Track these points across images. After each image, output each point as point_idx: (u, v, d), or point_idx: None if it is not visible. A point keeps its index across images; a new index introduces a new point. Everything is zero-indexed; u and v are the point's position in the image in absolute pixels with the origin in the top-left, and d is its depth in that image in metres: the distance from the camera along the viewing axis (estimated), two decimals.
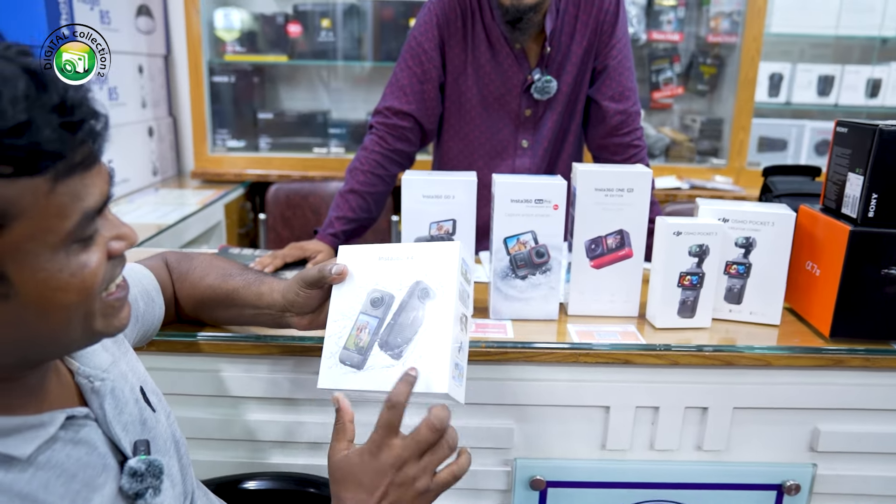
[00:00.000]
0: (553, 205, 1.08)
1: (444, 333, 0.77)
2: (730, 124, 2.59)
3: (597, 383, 1.06)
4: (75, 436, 0.62)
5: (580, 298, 1.15)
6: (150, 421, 0.73)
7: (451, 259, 0.80)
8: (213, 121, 2.62)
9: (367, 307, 0.81)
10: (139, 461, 0.66)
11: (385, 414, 0.72)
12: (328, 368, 0.81)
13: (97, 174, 0.55)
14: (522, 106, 1.46)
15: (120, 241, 0.59)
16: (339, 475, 0.73)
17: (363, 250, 0.85)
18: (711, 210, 1.13)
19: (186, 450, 0.80)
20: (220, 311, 0.99)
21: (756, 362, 1.05)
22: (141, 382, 0.76)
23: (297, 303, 0.88)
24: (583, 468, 1.10)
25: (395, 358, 0.78)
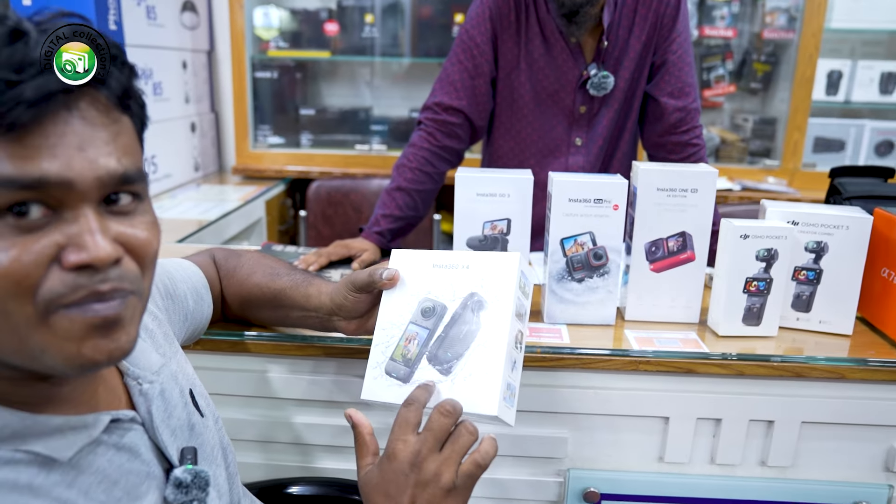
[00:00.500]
0: (613, 205, 1.03)
1: (497, 351, 0.72)
2: (783, 124, 2.50)
3: (656, 392, 1.01)
4: (119, 440, 0.59)
5: (638, 303, 1.10)
6: (198, 426, 0.70)
7: (510, 271, 0.76)
8: (254, 117, 2.62)
9: (417, 317, 0.78)
10: (185, 471, 0.62)
11: (401, 412, 0.69)
12: (373, 379, 0.77)
13: (55, 150, 0.46)
14: (577, 102, 1.41)
15: (75, 252, 0.48)
16: (367, 490, 0.69)
17: (417, 256, 0.81)
18: (780, 212, 1.07)
19: (234, 457, 0.77)
20: (267, 311, 0.96)
21: (828, 374, 0.99)
22: (190, 385, 0.73)
23: (346, 307, 0.85)
24: (639, 481, 1.05)
25: (443, 374, 0.73)
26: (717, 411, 1.02)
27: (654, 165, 1.07)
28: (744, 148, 2.60)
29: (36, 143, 0.46)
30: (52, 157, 0.47)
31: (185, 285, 0.87)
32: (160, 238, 0.55)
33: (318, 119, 2.67)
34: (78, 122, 0.48)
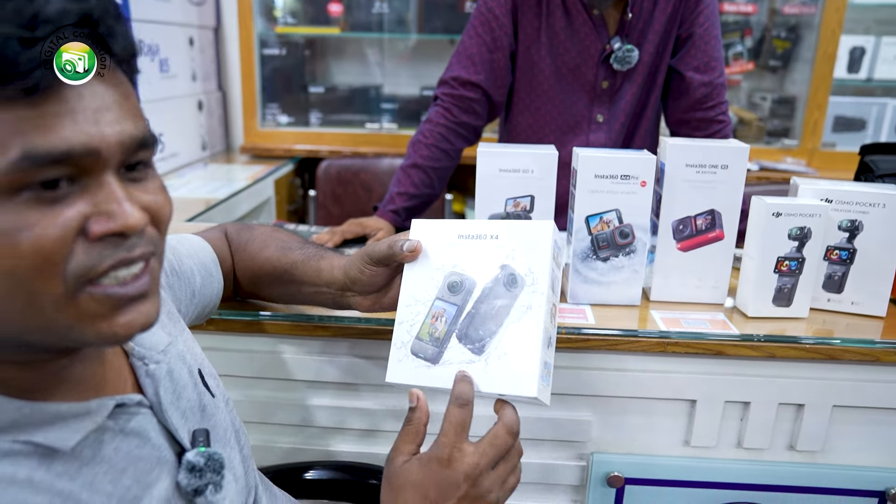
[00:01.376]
0: (641, 181, 0.99)
1: (533, 328, 0.68)
2: (803, 102, 2.44)
3: (683, 375, 0.98)
4: (126, 425, 0.55)
5: (664, 283, 1.07)
6: (209, 407, 0.66)
7: (544, 241, 0.70)
8: (263, 95, 2.58)
9: (444, 292, 0.72)
10: (198, 454, 0.59)
11: (456, 414, 0.64)
12: (398, 361, 0.72)
13: (67, 113, 0.43)
14: (599, 77, 1.37)
15: (106, 221, 0.46)
16: (399, 482, 0.64)
17: (441, 225, 0.75)
18: (812, 189, 1.03)
19: (247, 439, 0.74)
20: (278, 287, 0.90)
21: (861, 357, 0.96)
22: (199, 365, 0.69)
23: (361, 280, 0.79)
24: (664, 465, 1.02)
25: (475, 353, 0.69)
26: (745, 394, 0.99)
27: (683, 140, 1.03)
28: (761, 127, 2.55)
29: (56, 109, 0.43)
30: (75, 124, 0.44)
31: (191, 261, 0.82)
32: (171, 201, 0.53)
33: (328, 97, 2.63)
34: (92, 83, 0.45)
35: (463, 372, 0.67)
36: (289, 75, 2.62)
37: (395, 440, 0.67)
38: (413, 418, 0.67)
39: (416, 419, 0.67)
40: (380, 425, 1.03)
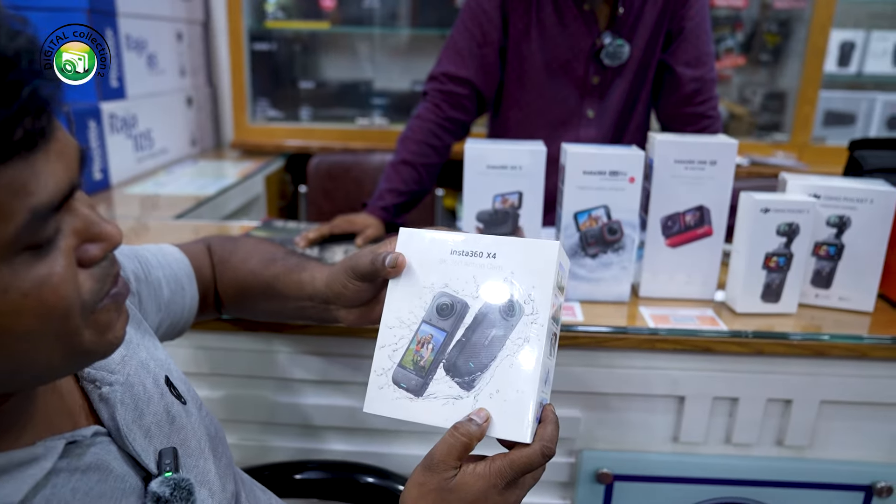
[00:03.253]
0: (629, 177, 0.99)
1: (530, 365, 0.61)
2: (794, 97, 2.44)
3: (672, 371, 0.98)
4: (80, 462, 0.51)
5: (653, 279, 1.07)
6: (179, 417, 0.63)
7: (548, 264, 0.62)
8: (252, 90, 2.56)
9: (431, 315, 0.65)
10: (163, 483, 0.55)
11: (505, 471, 0.59)
12: (378, 388, 0.65)
13: (53, 155, 0.41)
14: (590, 73, 1.36)
15: (95, 244, 0.45)
16: (451, 496, 0.59)
17: (431, 238, 0.67)
18: (801, 185, 1.03)
19: (226, 444, 0.70)
20: (263, 303, 0.84)
21: (849, 353, 0.96)
22: (165, 371, 0.65)
23: (345, 296, 0.74)
24: (653, 461, 1.03)
25: (464, 388, 0.62)
26: (733, 390, 0.99)
27: (672, 136, 1.03)
28: (752, 122, 2.55)
29: (43, 157, 0.41)
30: (60, 164, 0.42)
31: (160, 272, 0.78)
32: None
33: (318, 92, 2.61)
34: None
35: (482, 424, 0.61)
36: (279, 70, 2.60)
37: (439, 448, 0.60)
38: (471, 432, 0.60)
39: (473, 434, 0.60)
40: (368, 423, 1.03)
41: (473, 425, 0.59)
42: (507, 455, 0.59)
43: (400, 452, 1.05)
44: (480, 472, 0.58)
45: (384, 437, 1.04)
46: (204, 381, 1.02)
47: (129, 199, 1.75)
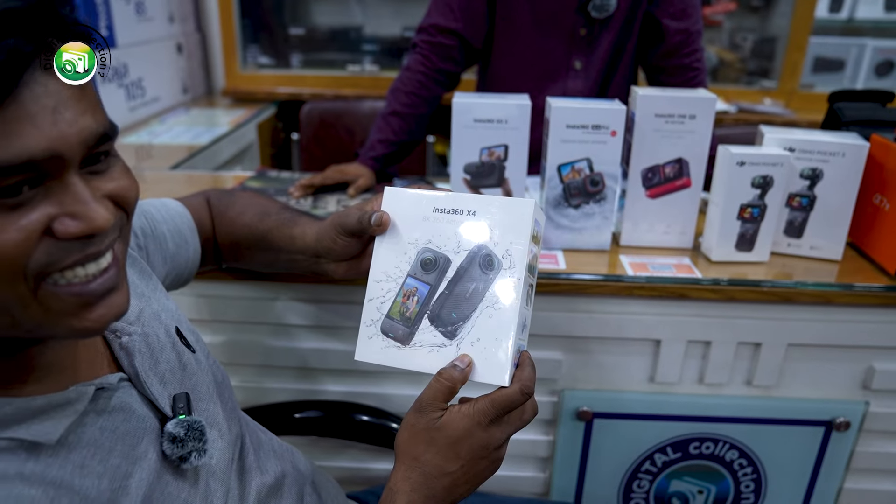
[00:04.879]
0: (611, 131, 1.02)
1: (508, 314, 0.65)
2: (783, 43, 2.44)
3: (649, 316, 1.04)
4: (107, 404, 0.56)
5: (633, 229, 1.12)
6: (190, 365, 0.68)
7: (523, 221, 0.67)
8: (243, 36, 2.54)
9: (416, 269, 0.69)
10: (178, 424, 0.60)
11: (499, 403, 0.64)
12: (367, 338, 0.70)
13: (22, 118, 0.42)
14: (577, 25, 1.37)
15: (74, 221, 0.46)
16: (438, 435, 0.64)
17: (415, 197, 0.71)
18: (777, 139, 1.07)
19: (230, 389, 0.75)
20: (258, 254, 0.88)
21: (815, 299, 1.02)
22: (176, 322, 0.70)
23: (335, 251, 0.78)
24: (630, 400, 1.09)
25: (447, 336, 0.67)
26: (707, 334, 1.05)
27: (653, 91, 1.06)
28: (742, 68, 2.56)
29: (14, 114, 0.42)
30: (34, 128, 0.43)
31: (165, 226, 0.82)
32: (136, 181, 0.53)
33: (308, 38, 2.59)
34: (46, 79, 0.44)
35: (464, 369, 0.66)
36: (268, 16, 2.58)
37: (426, 393, 0.65)
38: (454, 377, 0.65)
39: (456, 379, 0.65)
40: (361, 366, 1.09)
41: (457, 370, 0.65)
42: (488, 395, 0.65)
43: (392, 392, 1.11)
44: (465, 411, 0.64)
45: (377, 378, 1.10)
46: (206, 327, 1.07)
47: (124, 150, 1.77)
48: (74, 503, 0.50)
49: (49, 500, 0.49)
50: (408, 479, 0.64)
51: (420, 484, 0.64)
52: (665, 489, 1.16)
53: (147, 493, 0.56)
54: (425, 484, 0.64)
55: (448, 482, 0.64)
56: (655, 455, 1.13)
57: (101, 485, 0.53)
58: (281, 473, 0.76)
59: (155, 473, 0.58)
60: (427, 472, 0.64)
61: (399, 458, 0.66)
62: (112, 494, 0.53)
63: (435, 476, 0.64)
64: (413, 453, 0.65)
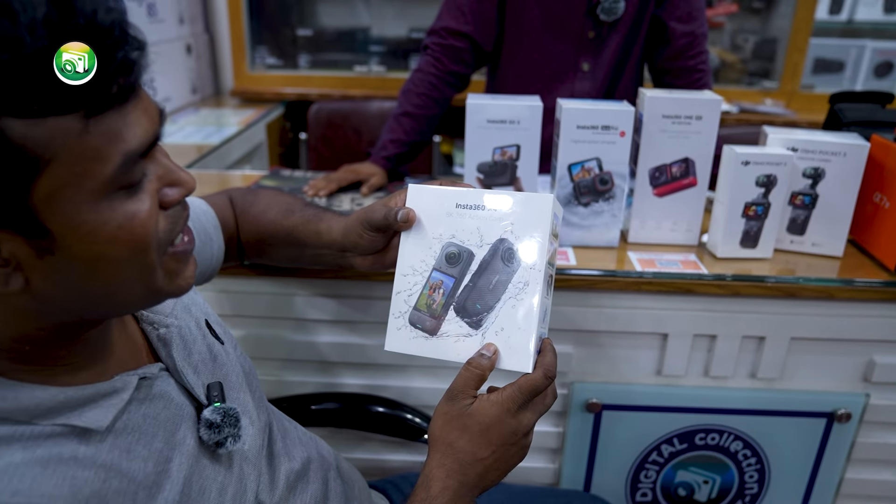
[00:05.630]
0: (620, 131, 1.06)
1: (530, 305, 0.69)
2: (784, 44, 2.48)
3: (656, 311, 1.07)
4: (149, 392, 0.60)
5: (641, 226, 1.15)
6: (220, 356, 0.71)
7: (543, 216, 0.69)
8: (251, 37, 2.57)
9: (441, 263, 0.72)
10: (214, 411, 0.63)
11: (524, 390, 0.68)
12: (396, 329, 0.73)
13: (140, 110, 0.48)
14: (586, 27, 1.41)
15: (174, 189, 0.53)
16: (469, 421, 0.67)
17: (438, 194, 0.73)
18: (780, 139, 1.10)
19: (257, 379, 0.79)
20: (282, 250, 0.92)
21: (817, 294, 1.05)
22: (205, 315, 0.74)
23: (361, 245, 0.80)
24: (638, 392, 1.13)
25: (472, 327, 0.70)
26: (712, 328, 1.08)
27: (661, 92, 1.09)
28: (743, 69, 2.59)
29: (132, 108, 0.48)
30: (146, 117, 0.49)
31: (191, 224, 0.84)
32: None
33: (316, 40, 2.62)
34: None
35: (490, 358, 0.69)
36: (276, 17, 2.61)
37: (457, 381, 0.69)
38: (482, 365, 0.68)
39: (485, 367, 0.68)
40: (378, 359, 1.12)
41: (484, 359, 0.68)
42: (515, 382, 0.68)
43: (407, 385, 1.14)
44: (494, 399, 0.67)
45: (393, 371, 1.14)
46: (228, 322, 1.09)
47: None
48: (124, 485, 0.54)
49: (101, 482, 0.52)
50: (443, 466, 0.67)
51: (454, 470, 0.67)
52: (671, 479, 1.20)
53: (187, 475, 0.59)
54: (460, 470, 0.67)
55: (481, 469, 0.67)
56: (662, 446, 1.16)
57: (146, 468, 0.56)
58: (307, 459, 0.79)
59: (193, 458, 0.61)
60: (461, 459, 0.67)
61: (433, 445, 0.69)
62: (156, 477, 0.56)
63: (468, 463, 0.67)
64: (447, 440, 0.68)
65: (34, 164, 0.43)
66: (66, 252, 0.47)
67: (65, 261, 0.48)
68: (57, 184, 0.45)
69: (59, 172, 0.44)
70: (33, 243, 0.46)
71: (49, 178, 0.44)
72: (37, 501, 0.47)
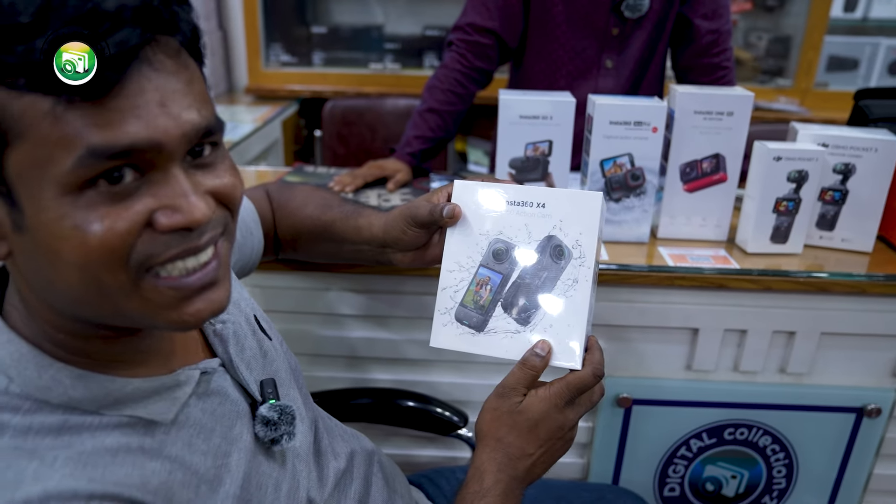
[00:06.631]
0: (652, 127, 1.06)
1: (579, 302, 0.68)
2: (798, 42, 2.48)
3: (688, 305, 1.07)
4: (207, 387, 0.60)
5: (670, 222, 1.15)
6: (270, 352, 0.71)
7: (592, 213, 0.69)
8: (266, 34, 2.57)
9: (488, 259, 0.71)
10: (271, 408, 0.63)
11: (572, 387, 0.68)
12: (442, 325, 0.72)
13: (128, 110, 0.44)
14: (610, 24, 1.41)
15: (171, 214, 0.47)
16: (520, 419, 0.68)
17: (485, 190, 0.73)
18: (810, 135, 1.10)
19: (302, 376, 0.79)
20: (319, 245, 0.91)
21: (849, 289, 1.05)
22: (253, 311, 0.73)
23: (403, 241, 0.79)
24: (668, 387, 1.13)
25: (521, 323, 0.70)
26: (743, 323, 1.09)
27: (692, 88, 1.10)
28: (756, 67, 2.59)
29: (118, 105, 0.43)
30: (137, 119, 0.44)
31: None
32: (241, 179, 0.54)
33: (331, 37, 2.62)
34: (154, 74, 0.45)
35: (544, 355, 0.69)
36: (291, 15, 2.61)
37: (509, 379, 0.69)
38: (536, 365, 0.68)
39: (539, 367, 0.68)
40: (407, 354, 1.13)
41: (538, 359, 0.68)
42: (563, 378, 0.68)
43: (436, 380, 1.14)
44: (542, 395, 0.68)
45: (422, 367, 1.14)
46: None
47: None
48: (188, 477, 0.54)
49: (167, 473, 0.52)
50: (493, 460, 0.68)
51: (505, 464, 0.68)
52: (699, 474, 1.20)
53: (246, 471, 0.59)
54: (510, 465, 0.68)
55: (529, 463, 0.68)
56: (691, 440, 1.16)
57: (206, 462, 0.56)
58: (350, 455, 0.79)
59: (250, 454, 0.61)
60: (510, 454, 0.68)
61: (482, 440, 0.69)
62: (217, 471, 0.57)
63: (517, 457, 0.68)
64: (496, 435, 0.68)
65: (4, 136, 0.43)
66: (31, 235, 0.45)
67: (31, 244, 0.46)
68: (23, 162, 0.43)
69: (25, 151, 0.43)
70: (11, 214, 0.46)
71: (17, 154, 0.43)
72: (111, 489, 0.48)
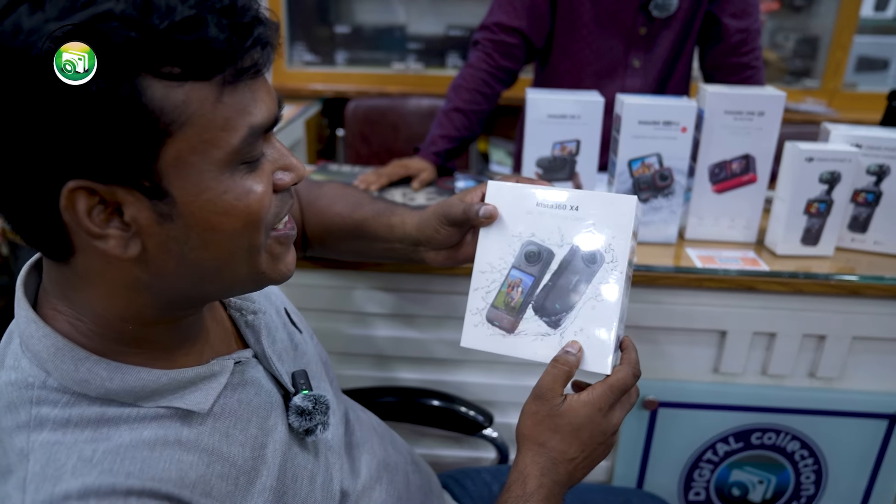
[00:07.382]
0: (681, 127, 1.05)
1: (611, 306, 0.68)
2: (826, 42, 2.45)
3: (716, 308, 1.06)
4: (241, 378, 0.61)
5: (699, 223, 1.14)
6: (301, 345, 0.72)
7: (625, 218, 0.68)
8: (290, 34, 2.59)
9: (520, 261, 0.71)
10: (305, 398, 0.64)
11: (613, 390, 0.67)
12: (473, 326, 0.72)
13: (264, 89, 0.50)
14: (638, 23, 1.40)
15: (287, 173, 0.54)
16: (562, 422, 0.67)
17: (518, 191, 0.72)
18: (843, 135, 1.09)
19: (332, 369, 0.79)
20: (349, 243, 0.91)
21: (881, 293, 1.03)
22: (284, 304, 0.74)
23: (436, 239, 0.79)
24: (694, 390, 1.12)
25: (551, 326, 0.69)
26: (772, 326, 1.07)
27: (722, 88, 1.09)
28: (783, 68, 2.56)
29: (260, 86, 0.50)
30: (266, 100, 0.50)
31: None
32: None
33: (354, 37, 2.64)
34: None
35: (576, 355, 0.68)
36: (314, 15, 2.62)
37: (545, 380, 0.68)
38: (570, 362, 0.67)
39: (572, 364, 0.67)
40: (434, 353, 1.13)
41: (570, 356, 0.67)
42: (605, 381, 0.67)
43: (461, 380, 1.14)
44: (585, 399, 0.66)
45: (448, 366, 1.14)
46: None
47: None
48: (226, 469, 0.54)
49: (205, 466, 0.53)
50: (536, 464, 0.67)
51: (548, 469, 0.67)
52: (725, 479, 1.19)
53: (281, 462, 0.60)
54: (553, 469, 0.67)
55: (571, 467, 0.67)
56: (717, 445, 1.15)
57: (244, 453, 0.57)
58: (385, 451, 0.79)
59: (285, 445, 0.61)
60: (553, 458, 0.67)
61: (524, 444, 0.68)
62: (254, 462, 0.57)
63: (560, 461, 0.67)
64: (539, 440, 0.67)
65: (166, 127, 0.45)
66: (184, 220, 0.48)
67: (182, 229, 0.49)
68: (185, 149, 0.46)
69: (188, 138, 0.46)
70: (156, 208, 0.47)
71: (178, 143, 0.46)
72: (149, 485, 0.48)
